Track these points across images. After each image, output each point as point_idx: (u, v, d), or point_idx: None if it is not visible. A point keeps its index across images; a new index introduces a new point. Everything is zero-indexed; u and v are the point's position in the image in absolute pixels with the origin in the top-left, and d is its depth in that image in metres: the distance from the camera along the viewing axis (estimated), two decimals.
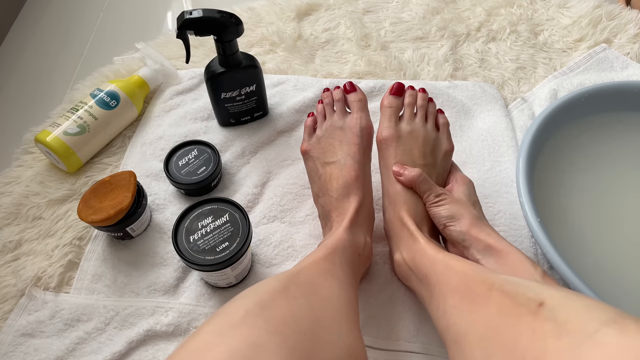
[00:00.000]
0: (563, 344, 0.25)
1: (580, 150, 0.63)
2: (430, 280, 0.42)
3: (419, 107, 0.55)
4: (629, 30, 0.80)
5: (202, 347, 0.27)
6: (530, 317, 0.28)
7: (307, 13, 0.87)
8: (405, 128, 0.53)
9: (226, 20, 0.55)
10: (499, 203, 0.61)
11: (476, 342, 0.31)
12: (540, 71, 0.77)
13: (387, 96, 0.54)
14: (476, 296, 0.34)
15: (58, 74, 0.83)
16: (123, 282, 0.56)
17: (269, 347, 0.27)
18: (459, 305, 0.35)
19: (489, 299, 0.32)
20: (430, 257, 0.43)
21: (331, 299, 0.36)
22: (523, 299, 0.30)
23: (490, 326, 0.30)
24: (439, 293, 0.39)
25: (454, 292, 0.37)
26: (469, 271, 0.38)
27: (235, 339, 0.27)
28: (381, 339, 0.51)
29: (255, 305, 0.30)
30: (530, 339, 0.26)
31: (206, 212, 0.51)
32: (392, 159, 0.52)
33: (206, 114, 0.71)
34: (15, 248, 0.59)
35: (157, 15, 0.93)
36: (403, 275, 0.49)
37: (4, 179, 0.66)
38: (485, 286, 0.34)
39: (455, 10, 0.86)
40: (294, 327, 0.30)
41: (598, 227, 0.57)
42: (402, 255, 0.48)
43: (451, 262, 0.41)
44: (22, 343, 0.52)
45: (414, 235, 0.47)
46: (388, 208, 0.52)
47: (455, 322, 0.34)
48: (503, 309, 0.30)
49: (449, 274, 0.39)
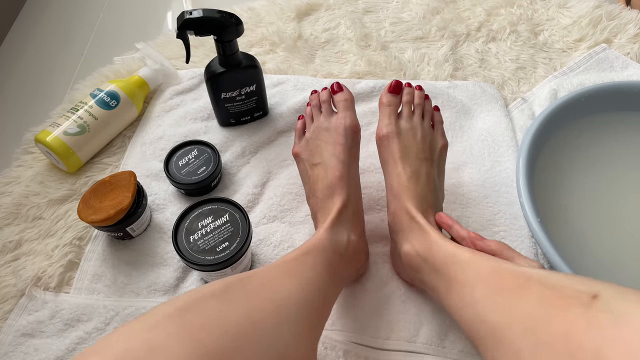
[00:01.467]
0: (624, 335, 0.25)
1: (580, 150, 0.63)
2: (449, 270, 0.42)
3: (416, 105, 0.55)
4: (629, 30, 0.80)
5: (96, 350, 0.27)
6: (582, 308, 0.28)
7: (307, 13, 0.87)
8: (405, 125, 0.54)
9: (226, 20, 0.55)
10: (499, 203, 0.61)
11: (520, 333, 0.31)
12: (540, 71, 0.77)
13: (385, 94, 0.55)
14: (511, 288, 0.34)
15: (58, 74, 0.83)
16: (123, 282, 0.56)
17: (170, 351, 0.26)
18: (491, 296, 0.35)
19: (527, 290, 0.33)
20: (447, 248, 0.43)
21: (282, 302, 0.35)
22: (571, 291, 0.30)
23: (535, 317, 0.30)
24: (463, 283, 0.39)
25: (483, 282, 0.37)
26: (498, 263, 0.38)
27: (135, 342, 0.27)
28: (381, 339, 0.51)
29: (176, 309, 0.30)
30: (586, 330, 0.27)
31: (206, 212, 0.51)
32: (393, 155, 0.52)
33: (206, 114, 0.71)
34: (15, 248, 0.59)
35: (157, 15, 0.93)
36: (413, 266, 0.48)
37: (4, 179, 0.66)
38: (520, 278, 0.34)
39: (455, 10, 0.86)
40: (216, 332, 0.29)
41: (598, 227, 0.57)
42: (412, 246, 0.48)
43: (473, 255, 0.41)
44: (22, 343, 0.52)
45: (425, 228, 0.47)
46: (392, 202, 0.52)
47: (490, 312, 0.34)
48: (546, 300, 0.31)
49: (474, 265, 0.39)
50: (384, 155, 0.54)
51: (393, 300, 0.54)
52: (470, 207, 0.61)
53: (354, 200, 0.52)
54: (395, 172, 0.52)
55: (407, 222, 0.49)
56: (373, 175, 0.65)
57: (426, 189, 0.51)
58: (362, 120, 0.70)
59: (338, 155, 0.52)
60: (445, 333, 0.51)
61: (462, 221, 0.60)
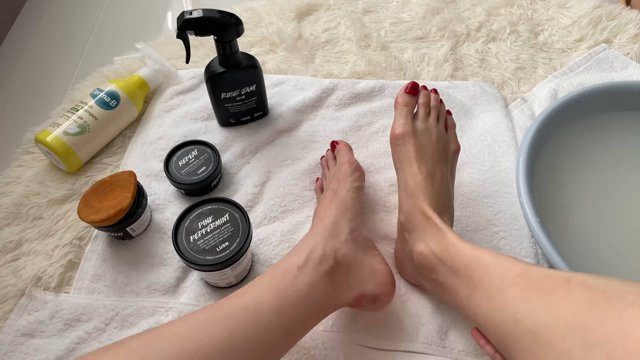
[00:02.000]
0: None
1: (580, 150, 0.63)
2: (470, 273, 0.41)
3: (432, 108, 0.56)
4: (629, 30, 0.80)
5: None
6: (636, 309, 0.28)
7: (307, 13, 0.87)
8: (420, 126, 0.54)
9: (226, 20, 0.55)
10: (499, 203, 0.61)
11: (567, 333, 0.31)
12: (540, 71, 0.77)
13: (402, 94, 0.55)
14: (550, 289, 0.34)
15: (58, 74, 0.83)
16: (123, 282, 0.56)
17: None
18: (526, 297, 0.35)
19: (569, 292, 0.33)
20: (466, 250, 0.43)
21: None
22: (620, 292, 0.30)
23: (583, 317, 0.30)
24: (488, 286, 0.39)
25: (513, 284, 0.37)
26: (524, 266, 0.38)
27: None
28: (381, 339, 0.51)
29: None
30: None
31: (206, 212, 0.51)
32: (409, 155, 0.52)
33: (206, 114, 0.71)
34: (16, 248, 0.59)
35: (157, 15, 0.93)
36: (428, 266, 0.47)
37: (4, 179, 0.66)
38: (558, 280, 0.34)
39: (455, 10, 0.86)
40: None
41: (598, 227, 0.57)
42: (428, 246, 0.47)
43: (497, 257, 0.41)
44: (22, 343, 0.52)
45: (441, 228, 0.47)
46: (407, 201, 0.51)
47: (527, 313, 0.34)
48: (594, 302, 0.31)
49: (499, 268, 0.39)
50: (399, 155, 0.53)
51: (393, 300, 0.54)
52: (470, 207, 0.61)
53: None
54: (410, 171, 0.51)
55: (423, 222, 0.49)
56: (373, 175, 0.65)
57: (442, 189, 0.51)
58: (363, 120, 0.70)
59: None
60: (445, 333, 0.51)
61: (462, 221, 0.60)
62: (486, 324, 0.38)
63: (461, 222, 0.60)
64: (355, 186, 0.54)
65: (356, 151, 0.67)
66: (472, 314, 0.41)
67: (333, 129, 0.69)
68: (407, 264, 0.53)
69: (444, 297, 0.46)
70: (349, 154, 0.60)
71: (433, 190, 0.50)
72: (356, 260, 0.48)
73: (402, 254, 0.54)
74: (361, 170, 0.57)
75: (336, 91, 0.73)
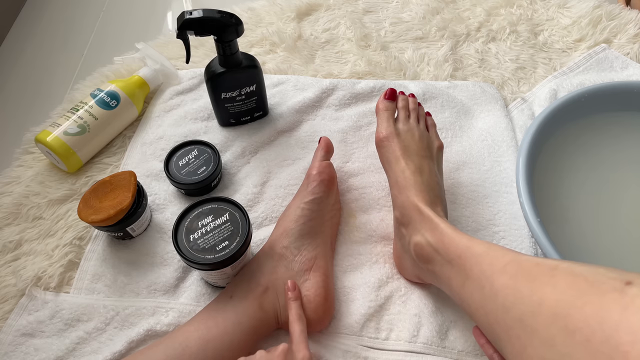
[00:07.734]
0: None
1: (580, 150, 0.63)
2: (464, 263, 0.42)
3: (411, 110, 0.59)
4: (629, 30, 0.80)
5: None
6: (617, 294, 0.28)
7: (307, 13, 0.87)
8: (403, 127, 0.56)
9: (226, 20, 0.55)
10: (499, 203, 0.61)
11: (550, 320, 0.31)
12: (540, 71, 0.77)
13: (382, 101, 0.59)
14: (536, 276, 0.34)
15: (58, 74, 0.83)
16: (123, 282, 0.56)
17: None
18: (514, 285, 0.36)
19: (554, 278, 0.33)
20: (460, 241, 0.44)
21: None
22: (603, 278, 0.30)
23: (565, 303, 0.31)
24: (479, 275, 0.39)
25: (502, 273, 0.37)
26: (514, 254, 0.39)
27: None
28: (381, 339, 0.51)
29: None
30: (622, 314, 0.27)
31: (206, 212, 0.51)
32: (395, 154, 0.54)
33: (206, 114, 0.71)
34: (16, 248, 0.59)
35: (157, 15, 0.93)
36: (424, 257, 0.48)
37: (4, 179, 0.66)
38: (545, 267, 0.35)
39: (455, 10, 0.86)
40: None
41: (598, 227, 0.57)
42: (425, 238, 0.48)
43: (489, 247, 0.41)
44: (23, 343, 0.52)
45: (434, 220, 0.47)
46: (399, 196, 0.52)
47: (515, 301, 0.35)
48: (577, 287, 0.31)
49: (489, 257, 0.40)
50: (386, 155, 0.55)
51: (393, 300, 0.54)
52: (470, 207, 0.61)
53: None
54: (399, 168, 0.53)
55: (417, 214, 0.50)
56: (373, 175, 0.65)
57: (431, 181, 0.52)
58: (363, 120, 0.70)
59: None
60: (445, 333, 0.51)
61: (462, 221, 0.60)
62: (479, 314, 0.39)
63: (461, 222, 0.60)
64: (306, 201, 0.54)
65: (356, 151, 0.67)
66: (465, 303, 0.41)
67: (333, 129, 0.69)
68: (406, 261, 0.53)
69: (443, 288, 0.47)
70: (317, 158, 0.58)
71: (423, 182, 0.52)
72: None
73: (400, 252, 0.54)
74: (319, 178, 0.55)
75: (336, 91, 0.73)
